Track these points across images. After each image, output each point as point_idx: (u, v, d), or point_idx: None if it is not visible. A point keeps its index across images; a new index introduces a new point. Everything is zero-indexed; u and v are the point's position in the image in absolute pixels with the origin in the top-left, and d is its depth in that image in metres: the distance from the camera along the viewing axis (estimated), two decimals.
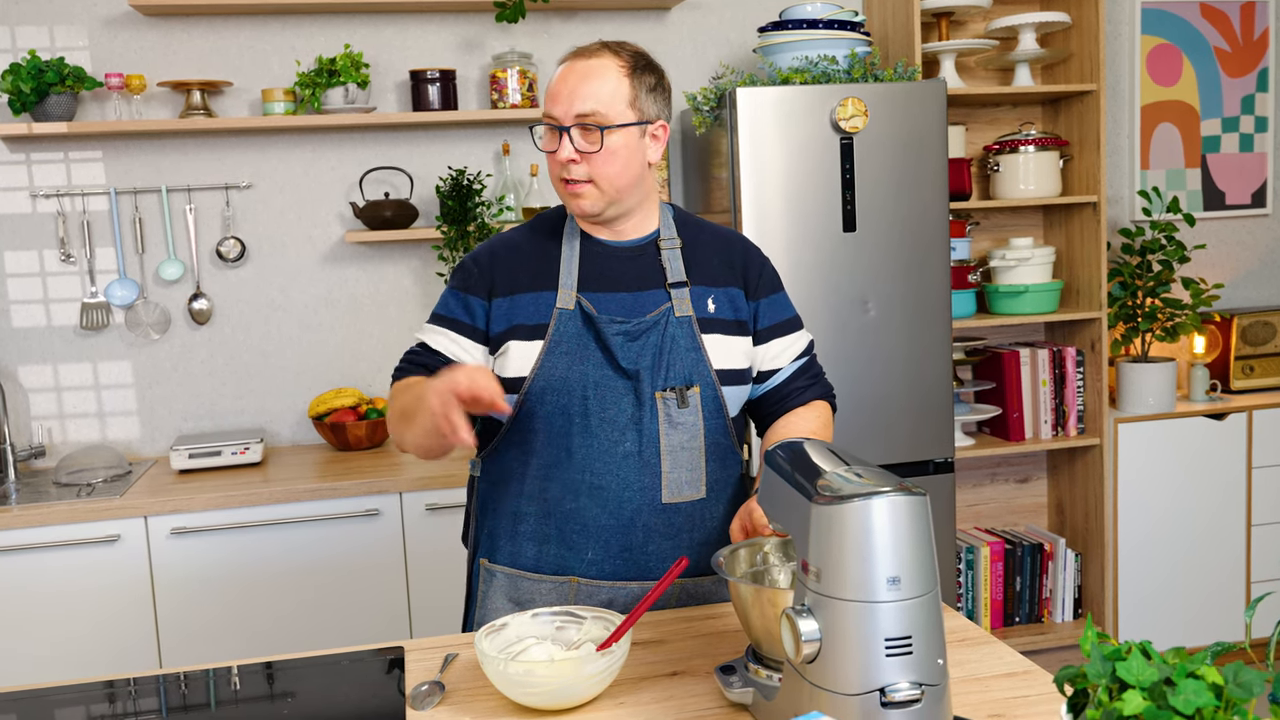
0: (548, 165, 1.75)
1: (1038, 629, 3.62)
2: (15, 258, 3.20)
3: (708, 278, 1.77)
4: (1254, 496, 3.64)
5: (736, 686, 1.37)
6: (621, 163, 1.68)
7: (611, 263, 1.75)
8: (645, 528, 1.71)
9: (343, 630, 2.86)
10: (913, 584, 1.16)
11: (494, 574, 1.78)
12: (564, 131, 1.67)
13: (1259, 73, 3.95)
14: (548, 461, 1.71)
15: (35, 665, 2.72)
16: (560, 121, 1.67)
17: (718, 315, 1.76)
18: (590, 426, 1.69)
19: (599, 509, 1.70)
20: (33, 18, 3.15)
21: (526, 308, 1.72)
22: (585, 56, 1.69)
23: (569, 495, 1.71)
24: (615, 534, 1.71)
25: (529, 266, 1.75)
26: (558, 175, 1.70)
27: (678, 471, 1.71)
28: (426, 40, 3.37)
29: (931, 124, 3.02)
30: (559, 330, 1.70)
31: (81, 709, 1.49)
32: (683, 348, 1.71)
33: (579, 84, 1.66)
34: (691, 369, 1.71)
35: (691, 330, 1.72)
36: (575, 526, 1.71)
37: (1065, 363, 3.58)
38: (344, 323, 3.39)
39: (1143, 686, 0.93)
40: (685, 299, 1.74)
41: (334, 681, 1.55)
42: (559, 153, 1.68)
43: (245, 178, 3.30)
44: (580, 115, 1.66)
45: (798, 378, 1.83)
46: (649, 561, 1.72)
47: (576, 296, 1.71)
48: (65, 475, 2.98)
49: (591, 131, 1.66)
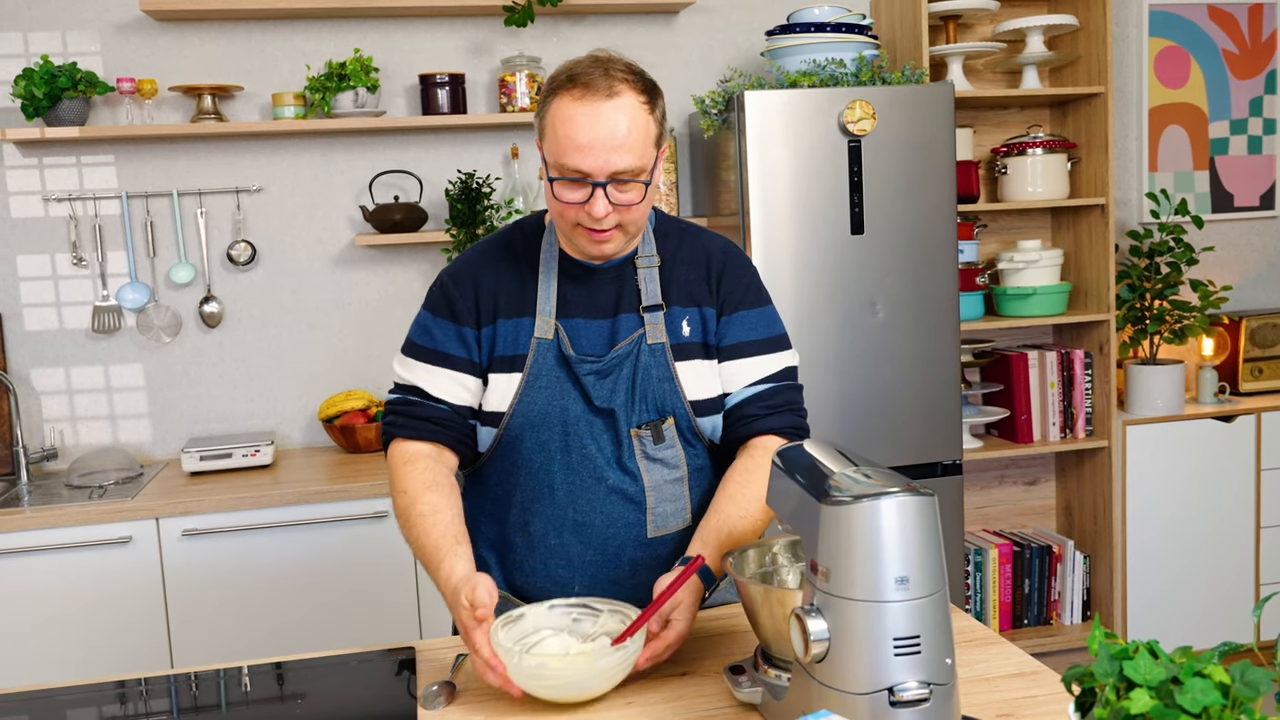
0: (555, 207, 1.57)
1: (1046, 631, 3.62)
2: (28, 261, 3.22)
3: (684, 297, 1.68)
4: (1262, 499, 3.64)
5: (745, 686, 1.38)
6: (649, 203, 1.59)
7: (588, 284, 1.67)
8: (631, 561, 1.67)
9: (353, 631, 2.87)
10: (921, 584, 1.17)
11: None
12: (599, 187, 1.52)
13: (1267, 75, 3.95)
14: (530, 496, 1.67)
15: (47, 666, 2.73)
16: (593, 177, 1.51)
17: (691, 339, 1.67)
18: (572, 463, 1.64)
19: (583, 545, 1.67)
20: (45, 23, 3.17)
21: (505, 337, 1.65)
22: (604, 95, 1.50)
23: (553, 531, 1.67)
24: (601, 569, 1.68)
25: (506, 289, 1.66)
26: (574, 220, 1.56)
27: (662, 505, 1.67)
28: (436, 44, 3.38)
29: (939, 126, 3.03)
30: (537, 363, 1.63)
31: (93, 709, 1.50)
32: (655, 379, 1.64)
33: (610, 137, 1.49)
34: (664, 400, 1.65)
35: (665, 359, 1.65)
36: (560, 561, 1.68)
37: (1073, 365, 3.58)
38: (354, 326, 3.40)
39: (1150, 685, 0.93)
40: (659, 324, 1.65)
41: (345, 682, 1.56)
42: (592, 208, 1.52)
43: (256, 181, 3.32)
44: (618, 172, 1.51)
45: (750, 405, 1.69)
46: (636, 593, 1.67)
47: (555, 325, 1.64)
48: (77, 477, 2.99)
49: (629, 186, 1.54)
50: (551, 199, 1.58)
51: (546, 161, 1.56)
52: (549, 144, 1.54)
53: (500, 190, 3.40)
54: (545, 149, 1.56)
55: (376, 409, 3.27)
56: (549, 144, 1.54)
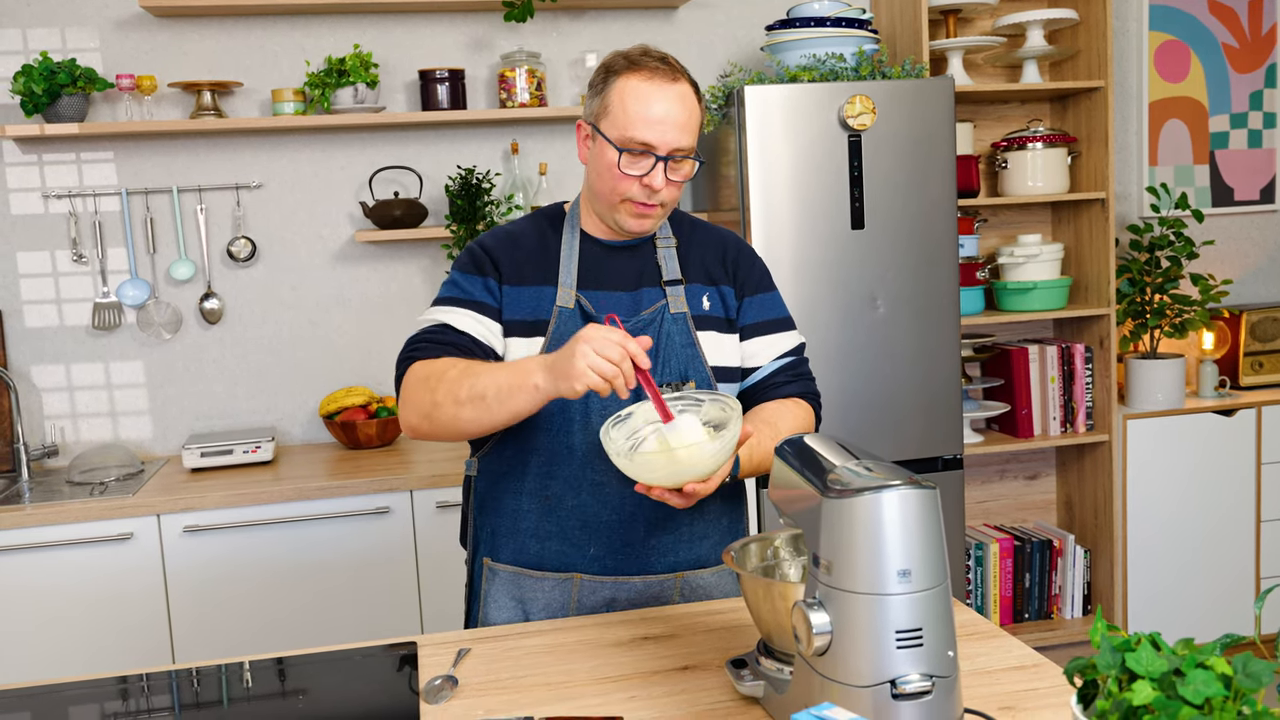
0: (610, 178, 1.68)
1: (1047, 625, 3.62)
2: (28, 258, 3.22)
3: (702, 276, 1.79)
4: (1263, 492, 3.64)
5: (748, 680, 1.38)
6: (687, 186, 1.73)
7: (609, 260, 1.76)
8: (647, 522, 1.73)
9: (355, 626, 2.87)
10: (923, 576, 1.17)
11: (496, 573, 1.78)
12: (661, 160, 1.64)
13: (1267, 69, 3.94)
14: (549, 459, 1.72)
15: (49, 662, 2.73)
16: (657, 150, 1.64)
17: (711, 313, 1.77)
18: (591, 424, 1.69)
19: (601, 505, 1.71)
20: (44, 19, 3.17)
21: (527, 303, 1.72)
22: (670, 79, 1.66)
23: (571, 492, 1.71)
24: (617, 529, 1.72)
25: (530, 260, 1.74)
26: (625, 195, 1.67)
27: None
28: (435, 40, 3.38)
29: (939, 121, 3.03)
30: (559, 328, 1.70)
31: (95, 705, 1.50)
32: (678, 344, 1.73)
33: (678, 115, 1.65)
34: (687, 365, 1.73)
35: (686, 327, 1.74)
36: (577, 523, 1.72)
37: (1074, 359, 3.58)
38: (354, 322, 3.40)
39: (1152, 677, 0.93)
40: (680, 296, 1.75)
41: (347, 677, 1.56)
42: (652, 180, 1.65)
43: (255, 178, 3.32)
44: (678, 149, 1.65)
45: (778, 374, 1.82)
46: (650, 555, 1.74)
47: (576, 295, 1.72)
48: (78, 474, 2.99)
49: (682, 164, 1.67)
50: (607, 173, 1.67)
51: (609, 137, 1.66)
52: (615, 118, 1.65)
53: (500, 186, 3.39)
54: (608, 125, 1.66)
55: (377, 405, 3.27)
56: (615, 118, 1.65)
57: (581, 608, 1.75)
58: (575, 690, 1.45)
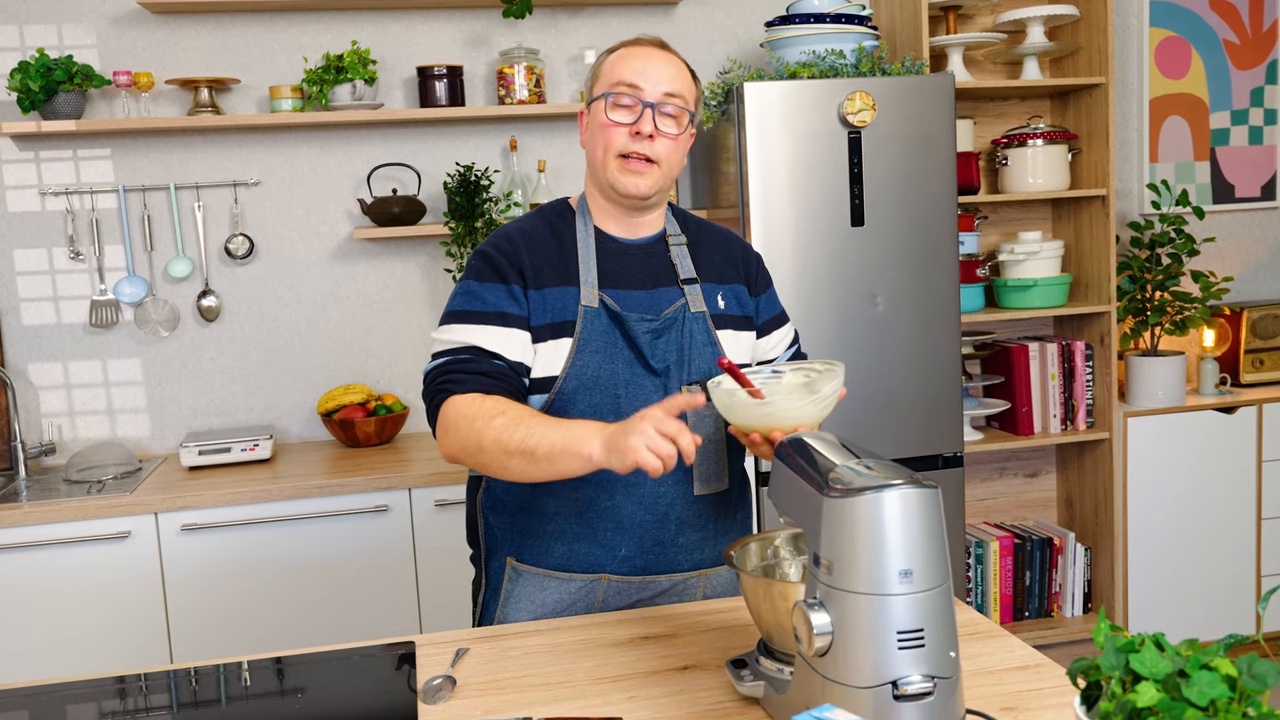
0: (601, 138, 1.69)
1: (1048, 624, 3.62)
2: (24, 255, 3.21)
3: (714, 275, 1.80)
4: (1264, 490, 3.63)
5: (748, 680, 1.37)
6: (682, 152, 1.73)
7: (626, 260, 1.75)
8: (678, 520, 1.74)
9: (353, 626, 2.87)
10: (925, 577, 1.16)
11: (521, 573, 1.76)
12: (649, 107, 1.67)
13: (1268, 65, 3.93)
14: None
15: (47, 661, 2.73)
16: (644, 94, 1.67)
17: (727, 311, 1.79)
18: None
19: (634, 505, 1.71)
20: (41, 16, 3.16)
21: (552, 304, 1.68)
22: (658, 46, 1.71)
23: (604, 494, 1.70)
24: (649, 529, 1.72)
25: (549, 261, 1.71)
26: (618, 149, 1.68)
27: (706, 464, 1.75)
28: (433, 36, 3.37)
29: (939, 118, 3.02)
30: (587, 328, 1.68)
31: (93, 705, 1.49)
32: (700, 343, 1.74)
33: (665, 66, 1.69)
34: (710, 363, 1.75)
35: (707, 326, 1.75)
36: (609, 524, 1.71)
37: (1074, 357, 3.57)
38: (352, 319, 3.39)
39: (1157, 678, 0.92)
40: (698, 295, 1.76)
41: (345, 677, 1.55)
42: (640, 124, 1.66)
43: (253, 175, 3.30)
44: (669, 95, 1.68)
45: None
46: (679, 554, 1.75)
47: (599, 294, 1.70)
48: (75, 472, 2.98)
49: (674, 116, 1.69)
50: (599, 133, 1.69)
51: (598, 95, 1.70)
52: (604, 77, 1.70)
53: (499, 182, 3.38)
54: (598, 87, 1.71)
55: (375, 403, 3.26)
56: (604, 77, 1.70)
57: (606, 608, 1.75)
58: (574, 690, 1.44)
